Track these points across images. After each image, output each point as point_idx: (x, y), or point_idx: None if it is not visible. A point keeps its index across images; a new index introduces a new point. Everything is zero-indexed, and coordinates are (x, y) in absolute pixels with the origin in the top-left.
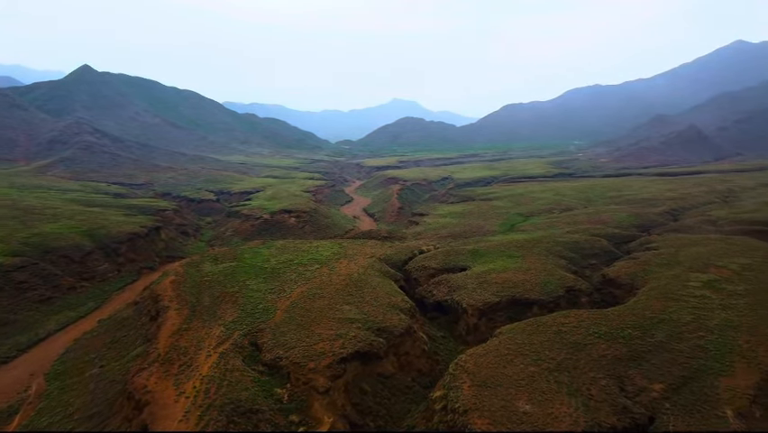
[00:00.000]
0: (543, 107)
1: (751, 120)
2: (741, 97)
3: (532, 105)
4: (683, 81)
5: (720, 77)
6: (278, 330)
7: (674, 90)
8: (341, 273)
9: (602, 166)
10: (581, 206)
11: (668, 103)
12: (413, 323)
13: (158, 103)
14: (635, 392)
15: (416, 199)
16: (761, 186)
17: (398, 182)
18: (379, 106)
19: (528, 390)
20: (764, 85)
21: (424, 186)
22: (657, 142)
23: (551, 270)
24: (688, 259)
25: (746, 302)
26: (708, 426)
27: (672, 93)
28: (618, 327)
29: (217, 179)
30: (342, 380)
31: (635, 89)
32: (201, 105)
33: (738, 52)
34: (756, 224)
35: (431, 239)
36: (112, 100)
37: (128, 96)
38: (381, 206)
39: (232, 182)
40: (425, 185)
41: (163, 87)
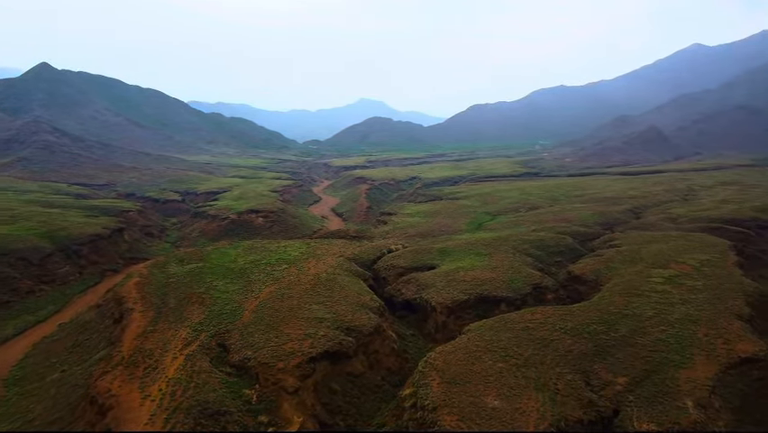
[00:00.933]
0: (509, 107)
1: (709, 120)
2: (699, 99)
3: (498, 106)
4: (644, 83)
5: (679, 78)
6: (247, 331)
7: (636, 91)
8: (309, 273)
9: (567, 165)
10: (547, 204)
11: (630, 104)
12: (382, 322)
13: (120, 102)
14: (600, 386)
15: (384, 199)
16: (718, 184)
17: (367, 182)
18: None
19: (497, 386)
20: (721, 87)
21: (392, 185)
22: (620, 142)
23: (518, 267)
24: (650, 255)
25: (705, 297)
26: (670, 417)
27: (633, 94)
28: (584, 323)
29: (183, 179)
30: (311, 379)
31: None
32: (165, 105)
33: (696, 55)
34: (714, 221)
35: (399, 238)
36: (72, 99)
37: (89, 95)
38: (350, 205)
39: (198, 182)
40: (394, 184)
41: (126, 86)
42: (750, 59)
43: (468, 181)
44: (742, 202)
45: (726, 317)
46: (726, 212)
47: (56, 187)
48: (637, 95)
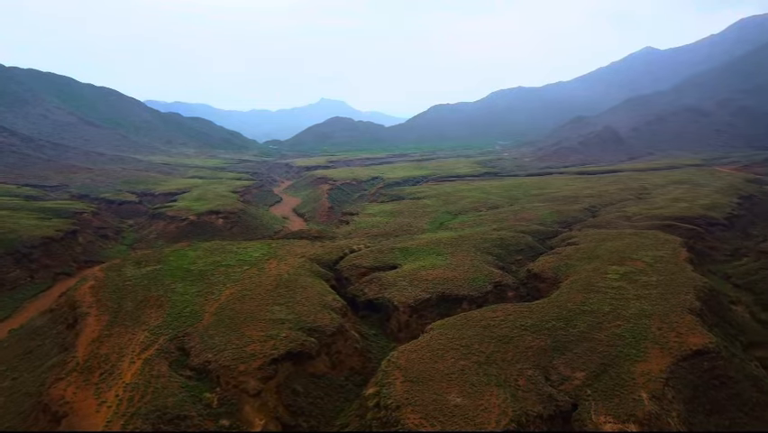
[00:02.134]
0: (469, 108)
1: (661, 122)
2: (651, 101)
3: (458, 106)
4: (599, 84)
5: (632, 80)
6: (207, 333)
7: (591, 93)
8: (271, 274)
9: (526, 165)
10: (507, 204)
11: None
12: (345, 322)
13: (72, 100)
14: (559, 381)
15: (346, 199)
16: (670, 183)
17: (328, 182)
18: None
19: (459, 383)
20: (672, 89)
21: (354, 185)
22: (576, 142)
23: (479, 266)
24: (606, 253)
25: (658, 292)
26: (626, 409)
27: (589, 95)
28: (543, 320)
29: (139, 179)
30: (273, 381)
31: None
32: (121, 104)
33: (648, 58)
34: (666, 219)
35: (362, 238)
36: (20, 97)
37: (39, 93)
38: (311, 205)
39: (155, 183)
40: (355, 184)
41: (78, 84)
42: (698, 62)
43: (430, 181)
44: (692, 200)
45: (678, 312)
46: (677, 210)
47: (4, 188)
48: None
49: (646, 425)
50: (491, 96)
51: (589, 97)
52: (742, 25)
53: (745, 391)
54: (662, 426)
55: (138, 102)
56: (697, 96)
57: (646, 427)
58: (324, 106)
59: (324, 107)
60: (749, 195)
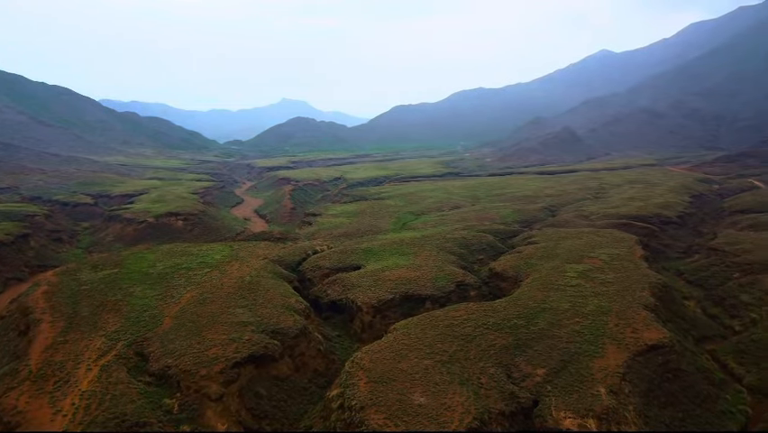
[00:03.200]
0: (431, 109)
1: (617, 123)
2: (607, 102)
3: (421, 107)
4: (558, 86)
5: (589, 82)
6: (167, 338)
7: (550, 94)
8: (232, 276)
9: (488, 165)
10: (469, 203)
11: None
12: (308, 323)
13: (23, 99)
14: (520, 378)
15: (308, 200)
16: (626, 183)
17: (290, 183)
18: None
19: (423, 382)
20: (627, 91)
21: (316, 186)
22: (536, 142)
23: (441, 266)
24: (565, 251)
25: (615, 289)
26: (585, 404)
27: (548, 96)
28: (505, 318)
29: (95, 181)
30: (236, 385)
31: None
32: (75, 103)
33: (604, 61)
34: (623, 217)
35: (325, 239)
36: None
37: None
38: (273, 207)
39: (112, 184)
40: (318, 185)
41: (30, 83)
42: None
43: (392, 181)
44: (647, 199)
45: (634, 308)
46: (633, 209)
47: None
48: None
49: (604, 419)
50: (453, 97)
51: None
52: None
53: (696, 384)
54: (619, 419)
55: (93, 101)
56: (651, 98)
57: (604, 420)
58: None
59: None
60: (700, 194)
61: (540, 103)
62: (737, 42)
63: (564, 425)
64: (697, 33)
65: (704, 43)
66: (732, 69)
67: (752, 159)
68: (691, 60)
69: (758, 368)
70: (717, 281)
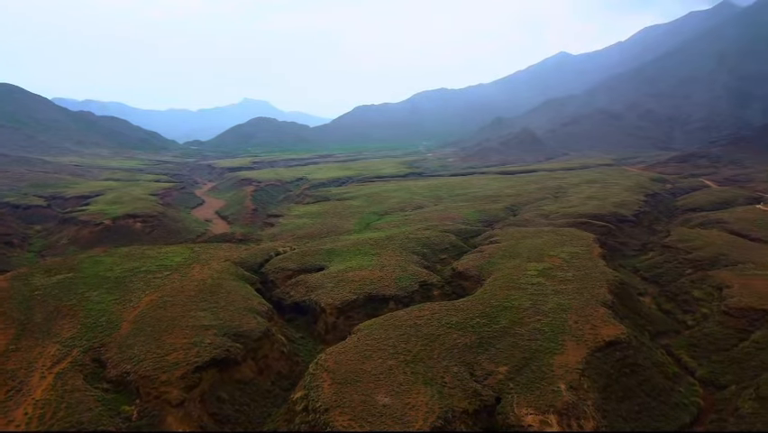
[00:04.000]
0: (393, 109)
1: (575, 123)
2: (566, 103)
3: (383, 107)
4: (518, 87)
5: (548, 84)
6: (125, 343)
7: (511, 95)
8: (194, 279)
9: (450, 165)
10: (432, 203)
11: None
12: (271, 326)
13: None
14: (483, 376)
15: (270, 201)
16: (584, 182)
17: (252, 183)
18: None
19: (387, 383)
20: (585, 92)
21: (278, 187)
22: (497, 143)
23: (405, 266)
24: (526, 250)
25: (574, 287)
26: (546, 400)
27: (508, 97)
28: (468, 317)
29: (48, 182)
30: (197, 390)
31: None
32: (26, 102)
33: (562, 62)
34: (581, 216)
35: (287, 240)
36: None
37: None
38: (235, 208)
39: (65, 186)
40: (280, 186)
41: None
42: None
43: (355, 182)
44: (604, 199)
45: (593, 305)
46: (591, 208)
47: None
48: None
49: (564, 414)
50: (415, 98)
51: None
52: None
53: (652, 377)
54: (578, 414)
55: (45, 100)
56: (607, 100)
57: (564, 416)
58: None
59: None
60: (654, 193)
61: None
62: (689, 46)
63: (526, 421)
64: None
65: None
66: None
67: (702, 159)
68: (646, 63)
69: (709, 361)
70: (671, 278)
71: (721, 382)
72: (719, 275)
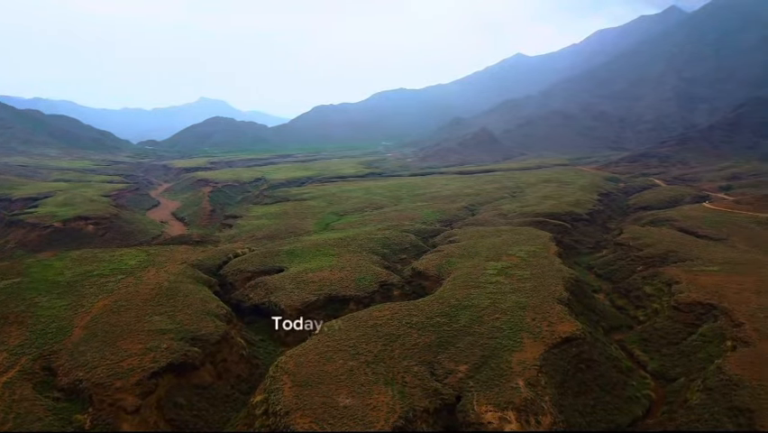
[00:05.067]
0: (352, 109)
1: (531, 124)
2: (522, 104)
3: (342, 107)
4: (475, 88)
5: (505, 85)
6: (77, 350)
7: (469, 95)
8: (149, 282)
9: (409, 165)
10: (392, 203)
11: (464, 107)
12: (230, 329)
13: None
14: (443, 375)
15: (228, 201)
16: (540, 182)
17: (209, 184)
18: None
19: (348, 384)
20: (540, 93)
21: (237, 187)
22: (456, 143)
23: (365, 266)
24: (484, 249)
25: (532, 285)
26: (505, 397)
27: (467, 98)
28: (428, 316)
29: None
30: (154, 396)
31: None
32: None
33: (518, 64)
34: (538, 215)
35: (246, 241)
36: None
37: None
38: (192, 209)
39: (11, 187)
40: (238, 186)
41: None
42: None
43: (315, 182)
44: (560, 198)
45: (549, 303)
46: (547, 207)
47: None
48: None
49: (523, 410)
50: (374, 98)
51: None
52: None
53: (607, 372)
54: (536, 410)
55: None
56: (562, 101)
57: (523, 412)
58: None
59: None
60: (607, 192)
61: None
62: (639, 50)
63: (486, 418)
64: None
65: (609, 50)
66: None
67: (653, 158)
68: (598, 66)
69: (660, 355)
70: (624, 274)
71: (671, 375)
72: (669, 271)
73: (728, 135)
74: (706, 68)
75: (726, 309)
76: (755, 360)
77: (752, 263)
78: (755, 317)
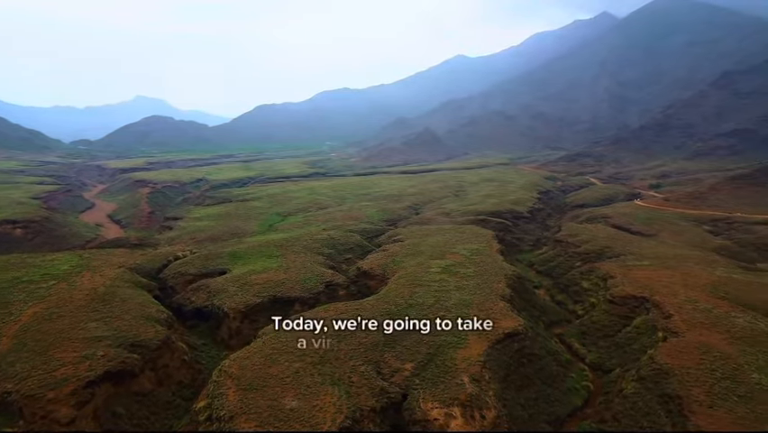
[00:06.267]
0: (295, 108)
1: (473, 124)
2: (464, 104)
3: (284, 107)
4: (419, 88)
5: (447, 85)
6: (6, 361)
7: (412, 96)
8: (84, 288)
9: (353, 165)
10: (336, 203)
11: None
12: (171, 333)
13: None
14: (390, 374)
15: (168, 203)
16: (483, 181)
17: (148, 185)
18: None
19: (294, 386)
20: (481, 94)
21: (177, 188)
22: (399, 142)
23: (310, 267)
24: (429, 248)
25: (475, 282)
26: (450, 393)
27: (410, 98)
28: (374, 316)
29: None
30: (90, 406)
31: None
32: None
33: (460, 65)
34: (480, 214)
35: (187, 244)
36: None
37: None
38: (129, 211)
39: None
40: (178, 187)
41: None
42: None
43: (257, 182)
44: (501, 196)
45: (493, 299)
46: (489, 206)
47: None
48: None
49: (468, 405)
50: (317, 97)
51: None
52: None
53: (548, 366)
54: (481, 405)
55: None
56: (503, 102)
57: (468, 407)
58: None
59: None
60: (547, 190)
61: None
62: (575, 53)
63: (432, 415)
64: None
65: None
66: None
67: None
68: (537, 68)
69: (596, 347)
70: (562, 270)
71: (608, 366)
72: (605, 267)
73: (658, 135)
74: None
75: (657, 302)
76: (684, 349)
77: (679, 258)
78: (683, 309)
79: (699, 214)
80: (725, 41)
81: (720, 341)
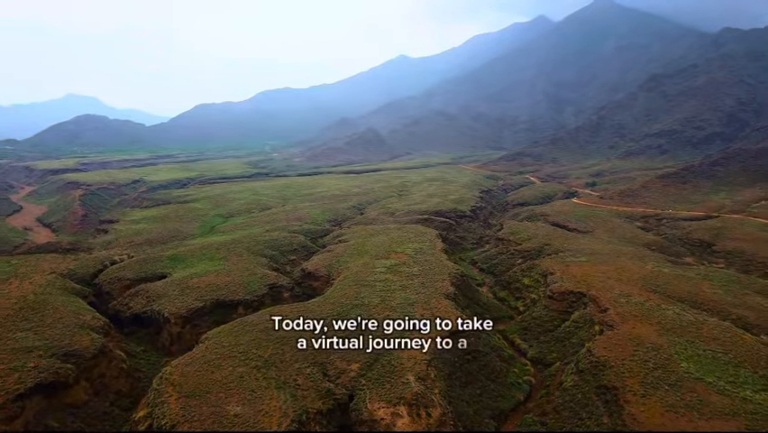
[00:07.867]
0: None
1: (416, 124)
2: (406, 105)
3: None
4: (361, 88)
5: (390, 85)
6: None
7: (355, 95)
8: (12, 296)
9: (296, 165)
10: (279, 204)
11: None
12: (108, 341)
13: None
14: (336, 375)
15: (103, 205)
16: (425, 180)
17: (81, 187)
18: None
19: (238, 391)
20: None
21: (112, 190)
22: (343, 142)
23: (253, 269)
24: (373, 248)
25: (420, 281)
26: (396, 393)
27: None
28: (319, 317)
29: None
30: (19, 420)
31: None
32: None
33: (402, 65)
34: (424, 213)
35: (124, 247)
36: None
37: None
38: (61, 214)
39: None
40: (114, 189)
41: None
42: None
43: (197, 183)
44: (444, 196)
45: (437, 298)
46: (432, 205)
47: None
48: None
49: (414, 404)
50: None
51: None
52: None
53: (491, 362)
54: (426, 403)
55: None
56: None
57: (414, 405)
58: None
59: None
60: (488, 189)
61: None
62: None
63: (378, 415)
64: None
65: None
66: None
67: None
68: (476, 68)
69: (537, 342)
70: (504, 268)
71: (548, 360)
72: (544, 263)
73: (592, 136)
74: (571, 73)
75: (594, 297)
76: (619, 342)
77: (613, 253)
78: (618, 302)
79: (632, 211)
80: (653, 46)
81: (652, 332)
